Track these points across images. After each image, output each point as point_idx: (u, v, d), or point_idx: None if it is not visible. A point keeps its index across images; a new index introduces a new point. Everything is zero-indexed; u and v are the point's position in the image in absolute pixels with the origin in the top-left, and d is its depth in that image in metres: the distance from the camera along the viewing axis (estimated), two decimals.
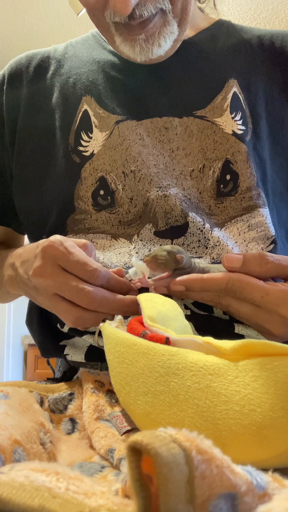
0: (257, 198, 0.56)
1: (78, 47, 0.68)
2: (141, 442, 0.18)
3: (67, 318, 0.46)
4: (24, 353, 2.91)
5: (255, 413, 0.27)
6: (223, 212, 0.56)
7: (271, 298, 0.43)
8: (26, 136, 0.63)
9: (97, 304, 0.44)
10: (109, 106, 0.60)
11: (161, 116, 0.59)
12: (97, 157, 0.58)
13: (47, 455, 0.34)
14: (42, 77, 0.66)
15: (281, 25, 2.46)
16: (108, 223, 0.56)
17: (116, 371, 0.36)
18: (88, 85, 0.62)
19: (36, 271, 0.45)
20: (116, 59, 0.63)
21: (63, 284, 0.44)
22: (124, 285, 0.47)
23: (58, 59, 0.67)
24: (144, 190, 0.55)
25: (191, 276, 0.46)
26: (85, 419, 0.41)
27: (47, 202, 0.59)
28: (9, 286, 0.58)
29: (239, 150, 0.57)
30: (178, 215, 0.54)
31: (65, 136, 0.60)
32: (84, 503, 0.18)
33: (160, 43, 0.54)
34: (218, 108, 0.59)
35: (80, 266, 0.44)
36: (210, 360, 0.30)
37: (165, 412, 0.31)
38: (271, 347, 0.29)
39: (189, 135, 0.58)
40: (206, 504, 0.18)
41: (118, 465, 0.33)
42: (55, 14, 2.33)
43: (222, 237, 0.54)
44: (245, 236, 0.55)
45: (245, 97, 0.61)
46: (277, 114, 0.62)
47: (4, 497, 0.18)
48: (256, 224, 0.55)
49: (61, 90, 0.63)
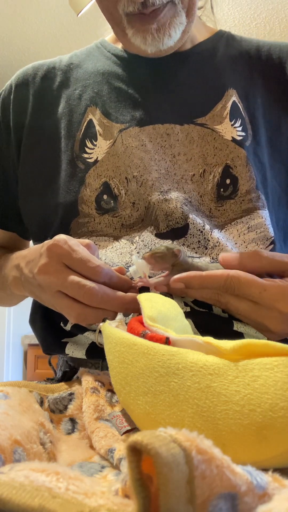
0: (257, 200, 0.57)
1: (82, 58, 0.71)
2: (141, 442, 0.18)
3: (70, 314, 0.47)
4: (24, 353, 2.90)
5: (255, 413, 0.27)
6: (223, 214, 0.57)
7: (269, 294, 0.44)
8: (32, 143, 0.66)
9: (98, 301, 0.45)
10: (113, 116, 0.63)
11: (163, 123, 0.61)
12: (101, 164, 0.60)
13: (47, 455, 0.34)
14: (48, 87, 0.68)
15: (281, 25, 2.46)
16: (110, 226, 0.58)
17: (116, 371, 0.36)
18: (93, 96, 0.65)
19: (41, 268, 0.47)
20: (120, 70, 0.66)
21: (66, 281, 0.45)
22: (125, 282, 0.48)
23: (64, 70, 0.69)
24: (146, 194, 0.57)
25: (190, 273, 0.47)
26: (85, 419, 0.41)
27: (52, 207, 0.61)
28: (14, 287, 0.59)
29: (239, 155, 0.59)
30: (179, 217, 0.55)
31: (70, 144, 0.63)
32: (84, 503, 0.18)
33: (170, 34, 0.57)
34: (218, 116, 0.61)
35: (83, 263, 0.45)
36: (210, 360, 0.30)
37: (165, 412, 0.31)
38: (271, 347, 0.29)
39: (190, 141, 0.60)
40: (206, 504, 0.18)
41: (118, 465, 0.33)
42: (55, 14, 2.33)
43: (221, 238, 0.55)
44: (245, 238, 0.57)
45: (244, 106, 0.63)
46: (274, 122, 0.64)
47: (4, 497, 0.18)
48: (255, 225, 0.57)
49: (67, 101, 0.66)
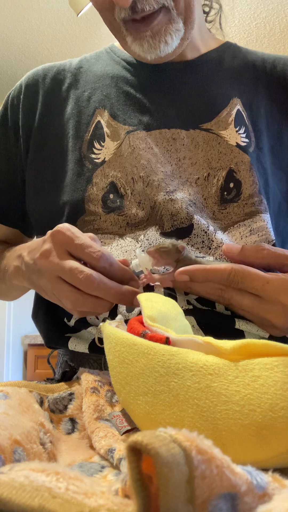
0: (259, 204, 0.58)
1: (92, 62, 0.72)
2: (141, 442, 0.18)
3: (67, 299, 0.47)
4: (24, 353, 2.90)
5: (255, 413, 0.27)
6: (226, 217, 0.58)
7: (272, 286, 0.46)
8: (40, 143, 0.67)
9: (94, 287, 0.45)
10: (121, 118, 0.64)
11: (169, 128, 0.62)
12: (108, 164, 0.61)
13: (47, 455, 0.34)
14: (57, 89, 0.69)
15: (281, 25, 2.46)
16: (116, 224, 0.59)
17: (116, 371, 0.36)
18: (102, 99, 0.66)
19: (42, 253, 0.48)
20: (128, 75, 0.68)
21: (65, 266, 0.45)
22: (127, 273, 0.49)
23: (74, 73, 0.70)
24: (152, 194, 0.58)
25: (195, 266, 0.48)
26: (85, 419, 0.41)
27: (59, 205, 0.62)
28: (14, 277, 0.59)
29: (242, 160, 0.60)
30: (184, 217, 0.56)
31: (78, 144, 0.64)
32: (84, 503, 0.18)
33: (166, 40, 0.57)
34: (223, 122, 0.62)
35: (84, 248, 0.46)
36: (210, 360, 0.30)
37: (165, 412, 0.31)
38: (271, 347, 0.29)
39: (195, 146, 0.61)
40: (206, 504, 0.18)
41: (118, 465, 0.33)
42: (55, 14, 2.33)
43: (225, 240, 0.57)
44: (247, 240, 0.57)
45: (248, 115, 0.64)
46: (276, 131, 0.66)
47: (4, 497, 0.18)
48: (257, 228, 0.58)
49: (76, 102, 0.67)
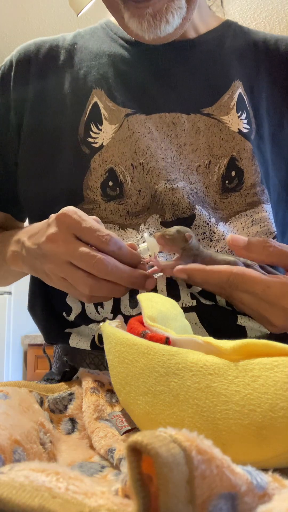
0: (261, 194, 0.57)
1: (87, 38, 0.67)
2: (141, 442, 0.18)
3: (85, 285, 0.46)
4: (24, 353, 2.90)
5: (255, 413, 0.27)
6: (228, 207, 0.57)
7: (273, 291, 0.44)
8: (34, 124, 0.63)
9: (107, 271, 0.44)
10: (119, 100, 0.60)
11: (169, 112, 0.60)
12: (106, 149, 0.58)
13: (47, 455, 0.34)
14: (51, 66, 0.65)
15: (281, 25, 2.46)
16: (116, 213, 0.57)
17: (116, 371, 0.36)
18: (98, 78, 0.62)
19: (49, 237, 0.46)
20: (126, 53, 0.64)
21: (75, 250, 0.44)
22: (135, 256, 0.48)
23: (68, 49, 0.66)
24: (152, 182, 0.56)
25: (194, 266, 0.46)
26: (85, 419, 0.41)
27: (55, 191, 0.60)
28: (11, 262, 0.58)
29: (245, 148, 0.58)
30: (185, 207, 0.55)
31: (74, 127, 0.61)
32: (84, 503, 0.18)
33: (168, 19, 0.54)
34: (225, 107, 0.60)
35: (93, 232, 0.45)
36: (210, 360, 0.30)
37: (165, 412, 0.31)
38: (272, 347, 0.29)
39: (196, 131, 0.59)
40: (206, 504, 0.18)
41: (118, 465, 0.33)
42: (55, 14, 2.33)
43: (226, 232, 0.55)
44: (248, 231, 0.56)
45: (249, 99, 0.62)
46: (277, 117, 0.63)
47: (4, 497, 0.18)
48: (259, 219, 0.56)
49: (71, 81, 0.63)
